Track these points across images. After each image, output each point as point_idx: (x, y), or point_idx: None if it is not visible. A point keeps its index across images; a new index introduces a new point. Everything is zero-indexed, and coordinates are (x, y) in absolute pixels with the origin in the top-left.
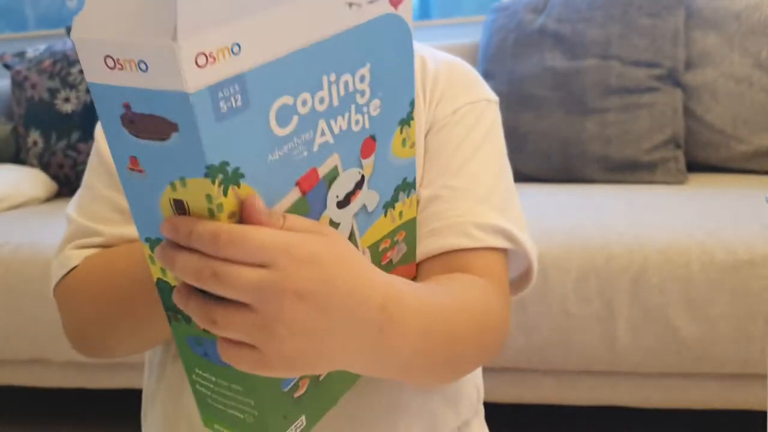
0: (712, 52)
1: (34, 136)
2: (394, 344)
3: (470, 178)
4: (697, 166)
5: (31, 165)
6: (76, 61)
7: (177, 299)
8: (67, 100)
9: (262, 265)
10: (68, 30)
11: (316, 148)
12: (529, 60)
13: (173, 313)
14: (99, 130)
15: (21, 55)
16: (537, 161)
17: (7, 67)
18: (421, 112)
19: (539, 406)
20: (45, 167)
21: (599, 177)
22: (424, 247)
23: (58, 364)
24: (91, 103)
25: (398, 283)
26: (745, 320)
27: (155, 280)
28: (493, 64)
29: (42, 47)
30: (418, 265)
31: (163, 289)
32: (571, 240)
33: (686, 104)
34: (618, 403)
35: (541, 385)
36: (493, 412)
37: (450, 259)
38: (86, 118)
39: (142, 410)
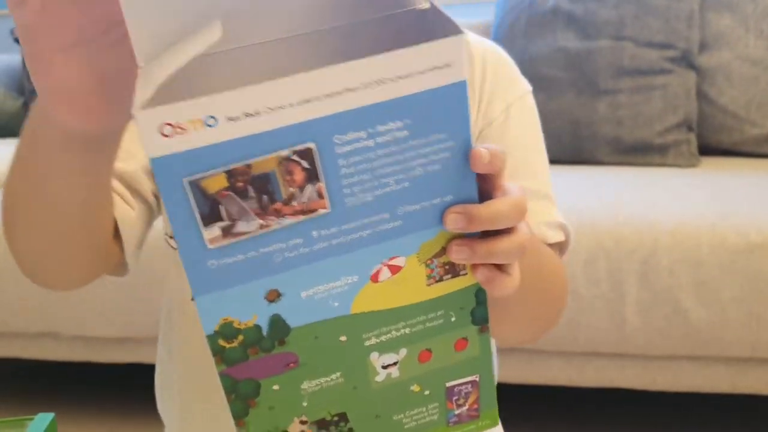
0: (726, 33)
1: None
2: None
3: (533, 176)
4: (709, 149)
5: None
6: None
7: (462, 253)
8: None
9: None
10: None
11: None
12: (541, 40)
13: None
14: None
15: None
16: (548, 142)
17: (18, 42)
18: (472, 107)
19: (546, 387)
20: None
21: (610, 159)
22: None
23: (66, 337)
24: None
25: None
26: (756, 304)
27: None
28: (505, 44)
29: None
30: None
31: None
32: (581, 221)
33: (700, 87)
34: (625, 385)
35: (549, 366)
36: (500, 392)
37: None
38: None
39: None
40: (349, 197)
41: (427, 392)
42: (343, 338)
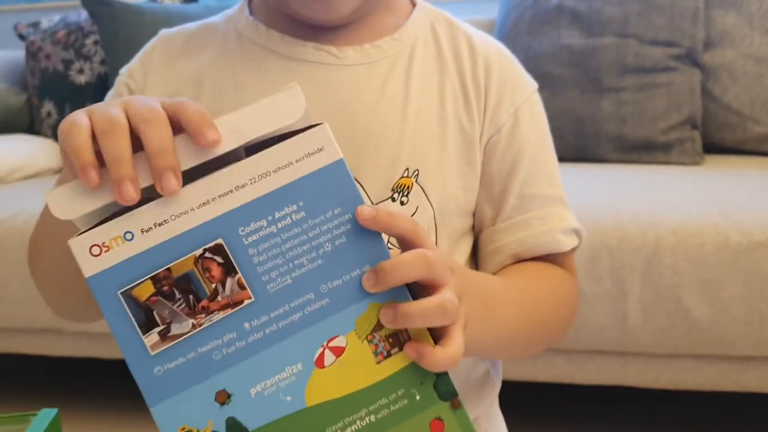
0: (731, 32)
1: (48, 107)
2: (496, 326)
3: (548, 181)
4: (713, 147)
5: (45, 136)
6: (91, 33)
7: (387, 316)
8: (81, 71)
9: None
10: (83, 2)
11: None
12: (545, 37)
13: None
14: (108, 97)
15: (35, 25)
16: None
17: (21, 37)
18: (472, 104)
19: (548, 384)
20: (58, 138)
21: (614, 157)
22: (512, 251)
23: (71, 333)
24: (105, 74)
25: (492, 282)
26: (759, 302)
27: None
28: (509, 41)
29: (57, 18)
30: (508, 264)
31: None
32: (584, 219)
33: (704, 85)
34: (627, 383)
35: (551, 364)
36: (501, 389)
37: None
38: (100, 89)
39: None
40: (269, 283)
41: None
42: None
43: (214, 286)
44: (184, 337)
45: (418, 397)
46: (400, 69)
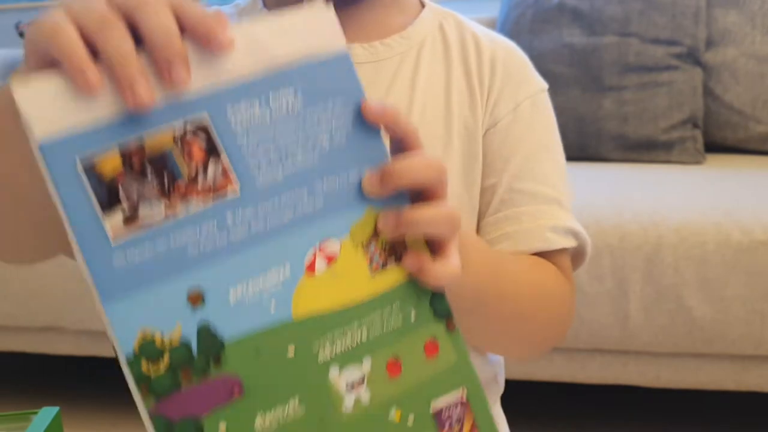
0: (733, 30)
1: None
2: (475, 272)
3: (540, 180)
4: (715, 146)
5: None
6: None
7: (388, 223)
8: None
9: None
10: None
11: None
12: (546, 36)
13: None
14: None
15: None
16: None
17: (22, 35)
18: (477, 102)
19: (549, 383)
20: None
21: (615, 156)
22: (499, 245)
23: (71, 331)
24: None
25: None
26: (760, 301)
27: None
28: (510, 39)
29: None
30: None
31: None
32: (585, 217)
33: (706, 83)
34: (628, 382)
35: (552, 363)
36: (504, 389)
37: None
38: None
39: None
40: (259, 174)
41: (411, 420)
42: (290, 351)
43: (194, 169)
44: (154, 225)
45: (413, 315)
46: (407, 68)
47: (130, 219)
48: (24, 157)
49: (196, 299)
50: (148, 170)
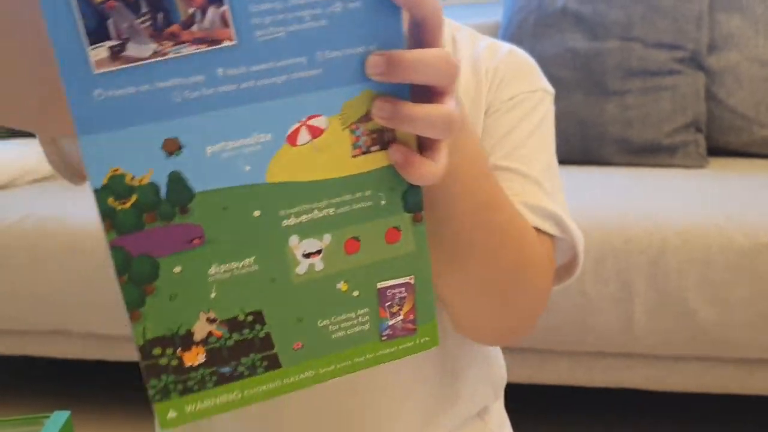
0: (736, 34)
1: None
2: (462, 182)
3: (522, 161)
4: (718, 150)
5: None
6: None
7: (384, 110)
8: None
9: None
10: None
11: None
12: (549, 41)
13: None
14: None
15: None
16: (556, 142)
17: None
18: (482, 92)
19: (553, 387)
20: None
21: (619, 160)
22: None
23: (79, 335)
24: None
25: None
26: (764, 304)
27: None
28: (513, 44)
29: None
30: None
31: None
32: (589, 221)
33: (708, 88)
34: (633, 386)
35: (556, 366)
36: (508, 391)
37: None
38: None
39: None
40: (259, 29)
41: (355, 293)
42: (256, 213)
43: (191, 11)
44: (141, 62)
45: (383, 202)
46: None
47: (117, 50)
48: None
49: (172, 147)
50: (142, 4)
